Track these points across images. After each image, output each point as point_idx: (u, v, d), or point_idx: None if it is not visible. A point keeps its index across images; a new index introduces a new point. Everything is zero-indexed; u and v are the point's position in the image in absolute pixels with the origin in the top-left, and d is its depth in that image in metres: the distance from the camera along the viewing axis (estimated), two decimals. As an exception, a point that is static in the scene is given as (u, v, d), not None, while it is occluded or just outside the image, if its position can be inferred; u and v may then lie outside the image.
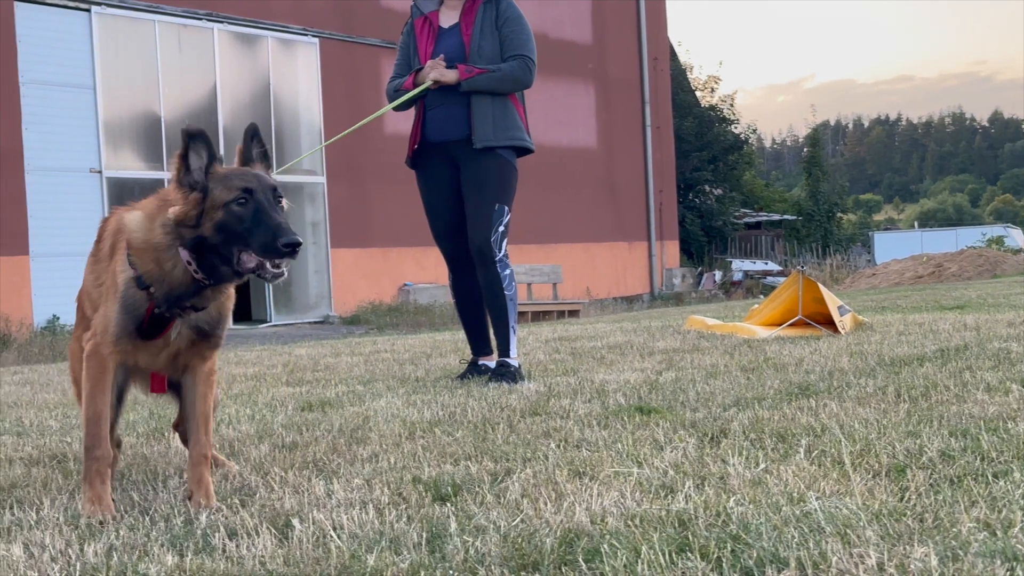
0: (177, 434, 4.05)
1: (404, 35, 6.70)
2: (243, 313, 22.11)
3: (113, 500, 3.26)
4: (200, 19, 20.92)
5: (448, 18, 6.51)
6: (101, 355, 3.30)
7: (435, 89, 6.31)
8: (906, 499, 2.75)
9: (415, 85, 6.37)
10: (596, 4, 30.32)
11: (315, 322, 22.46)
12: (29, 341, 16.47)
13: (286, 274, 3.21)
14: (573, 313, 20.62)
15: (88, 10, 19.22)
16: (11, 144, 18.15)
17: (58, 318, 17.93)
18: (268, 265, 3.14)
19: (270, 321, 21.95)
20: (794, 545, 2.33)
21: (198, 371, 3.46)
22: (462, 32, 6.40)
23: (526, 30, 6.43)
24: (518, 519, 2.77)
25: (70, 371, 3.84)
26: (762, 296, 26.95)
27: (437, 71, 6.25)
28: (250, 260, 3.15)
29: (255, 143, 3.40)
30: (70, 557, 2.65)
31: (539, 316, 19.58)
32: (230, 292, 3.42)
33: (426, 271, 24.20)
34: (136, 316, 3.26)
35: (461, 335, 10.77)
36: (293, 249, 3.11)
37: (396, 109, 6.58)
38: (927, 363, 5.68)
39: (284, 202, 3.30)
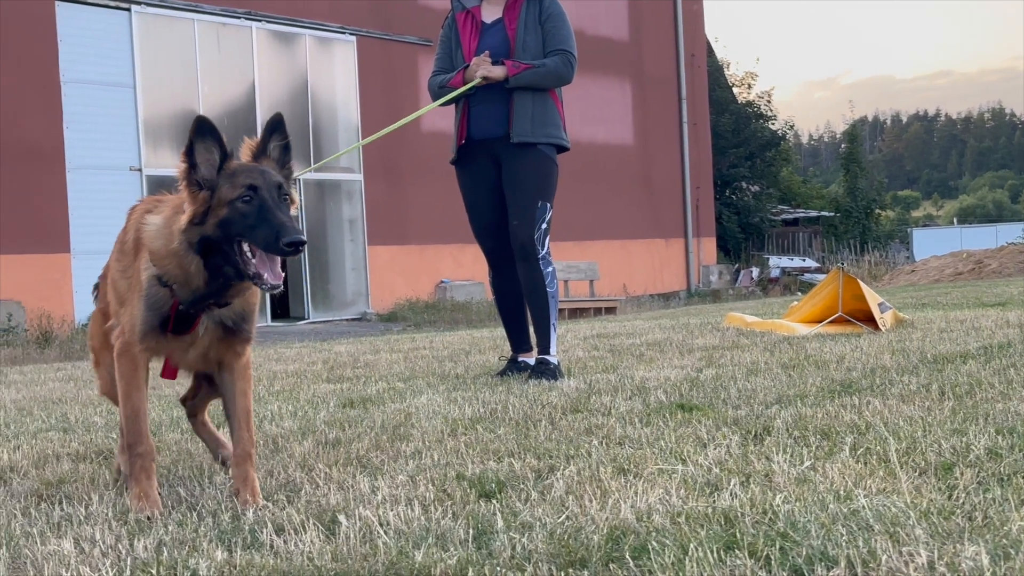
0: (185, 409, 4.10)
1: (445, 28, 6.70)
2: (282, 310, 22.22)
3: (160, 495, 3.29)
4: (238, 18, 21.02)
5: (491, 13, 6.51)
6: (132, 353, 3.33)
7: (481, 86, 6.33)
8: (954, 497, 2.73)
9: (464, 82, 6.38)
10: (633, 1, 30.26)
11: (352, 319, 22.53)
12: (70, 338, 16.60)
13: (282, 287, 3.18)
14: (610, 310, 20.59)
15: (128, 9, 19.35)
16: (52, 143, 18.30)
17: (99, 315, 18.05)
18: (266, 275, 3.13)
19: (308, 318, 22.04)
20: (843, 543, 2.32)
21: (234, 366, 3.48)
22: (506, 27, 6.41)
23: (568, 26, 6.45)
24: (563, 516, 2.77)
25: (88, 339, 3.88)
26: (800, 293, 26.81)
27: (484, 68, 6.26)
28: (252, 264, 3.14)
29: (274, 136, 3.39)
30: (120, 552, 2.68)
31: (576, 313, 19.56)
32: (254, 288, 3.40)
33: (463, 268, 24.23)
34: (160, 313, 3.28)
35: (499, 332, 10.78)
36: (296, 248, 3.08)
37: (443, 105, 6.59)
38: (970, 360, 5.64)
39: (293, 196, 3.30)
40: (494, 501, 3.00)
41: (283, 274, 3.18)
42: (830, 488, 2.87)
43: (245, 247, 3.14)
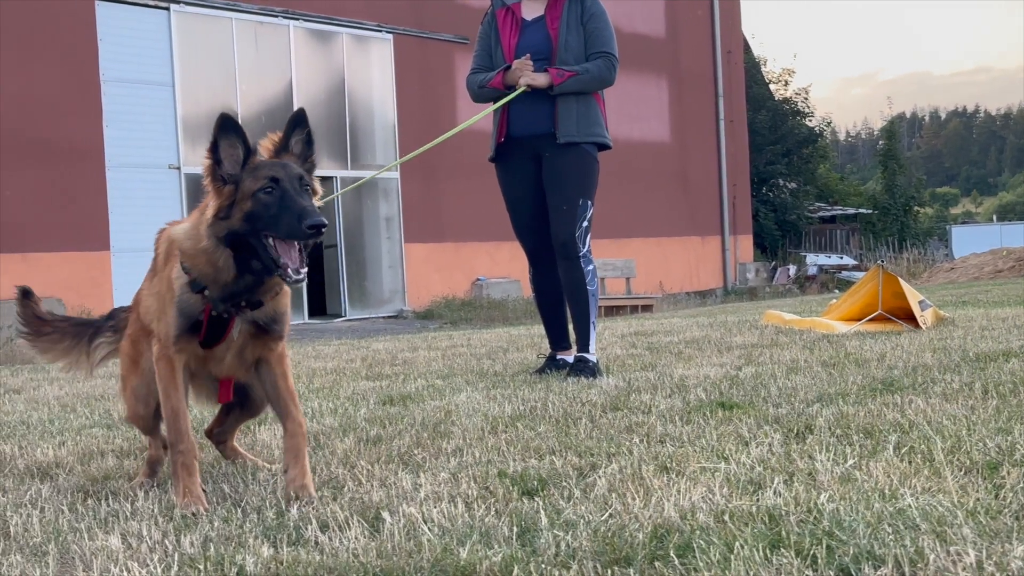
0: (212, 440, 4.12)
1: (484, 25, 6.69)
2: (318, 308, 22.30)
3: (204, 491, 3.31)
4: (276, 16, 21.11)
5: (531, 10, 6.50)
6: (167, 357, 3.41)
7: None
8: (1001, 496, 2.71)
9: (503, 83, 6.37)
10: (669, -2, 30.19)
11: (389, 316, 22.59)
12: (110, 335, 16.73)
13: (304, 278, 3.26)
14: (647, 308, 20.55)
15: (167, 8, 19.47)
16: (92, 141, 18.45)
17: (138, 312, 18.19)
18: (290, 269, 3.20)
19: (345, 315, 22.11)
20: (889, 543, 2.31)
21: (270, 358, 3.55)
22: (548, 26, 6.39)
23: (610, 27, 6.44)
24: (607, 514, 2.77)
25: (120, 367, 3.91)
26: (837, 291, 26.67)
27: (528, 76, 6.25)
28: (277, 256, 3.21)
29: (296, 131, 3.47)
30: (167, 548, 2.70)
31: (613, 311, 19.54)
32: (285, 288, 3.48)
33: (499, 265, 24.24)
34: (191, 316, 3.36)
35: (536, 330, 10.79)
36: (317, 230, 3.16)
37: (477, 101, 6.61)
38: (1013, 359, 5.60)
39: (316, 187, 3.38)
40: (537, 499, 3.01)
41: (305, 268, 3.25)
42: (875, 487, 2.86)
43: (270, 240, 3.21)
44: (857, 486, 2.89)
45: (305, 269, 3.25)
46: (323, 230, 3.18)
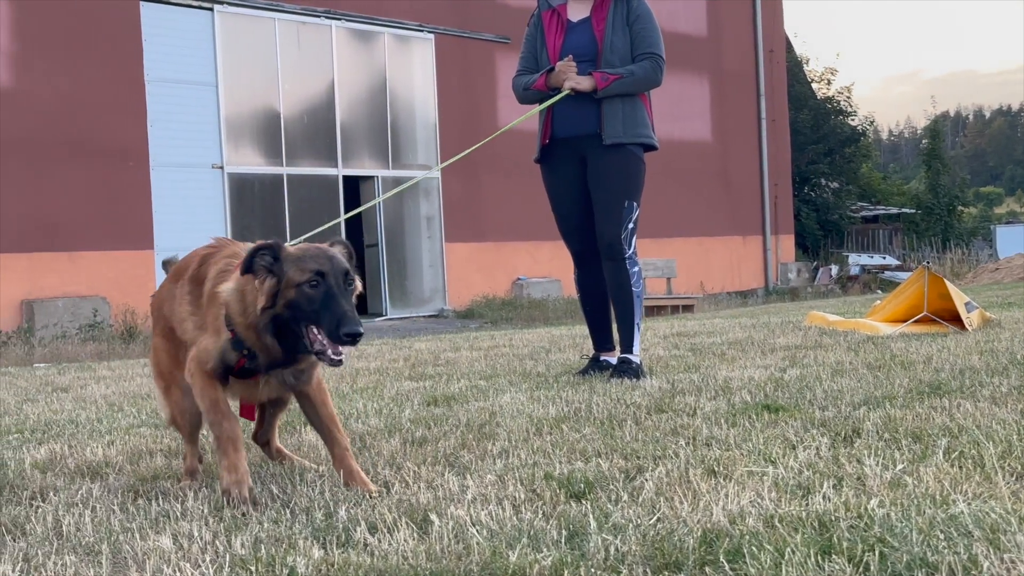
0: (259, 444, 4.17)
1: (530, 27, 6.68)
2: (360, 307, 22.34)
3: (252, 485, 3.33)
4: (318, 16, 21.21)
5: (577, 12, 6.49)
6: (205, 373, 3.50)
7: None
8: (1054, 504, 2.69)
9: (547, 85, 6.37)
10: (711, -4, 30.08)
11: (429, 316, 22.65)
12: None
13: (345, 363, 3.34)
14: (688, 308, 20.49)
15: (211, 9, 19.60)
16: (137, 141, 18.60)
17: (181, 311, 18.33)
18: (330, 352, 3.26)
19: (386, 315, 22.19)
20: (942, 549, 2.29)
21: (306, 391, 3.66)
22: (593, 28, 6.38)
23: (656, 28, 6.41)
24: (655, 518, 2.77)
25: (153, 366, 4.01)
26: (880, 291, 26.49)
27: (572, 80, 6.24)
28: (316, 342, 3.29)
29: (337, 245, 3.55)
30: (218, 549, 2.72)
31: (653, 311, 19.50)
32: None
33: (539, 265, 24.24)
34: (229, 363, 3.48)
35: (578, 330, 10.78)
36: (353, 340, 3.25)
37: (523, 103, 6.61)
38: (1062, 362, 5.54)
39: (357, 284, 3.45)
40: (584, 502, 3.01)
41: (343, 351, 3.31)
42: (926, 492, 2.83)
43: (313, 330, 3.29)
44: (907, 491, 2.87)
45: (346, 351, 3.33)
46: (358, 340, 3.28)
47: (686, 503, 2.90)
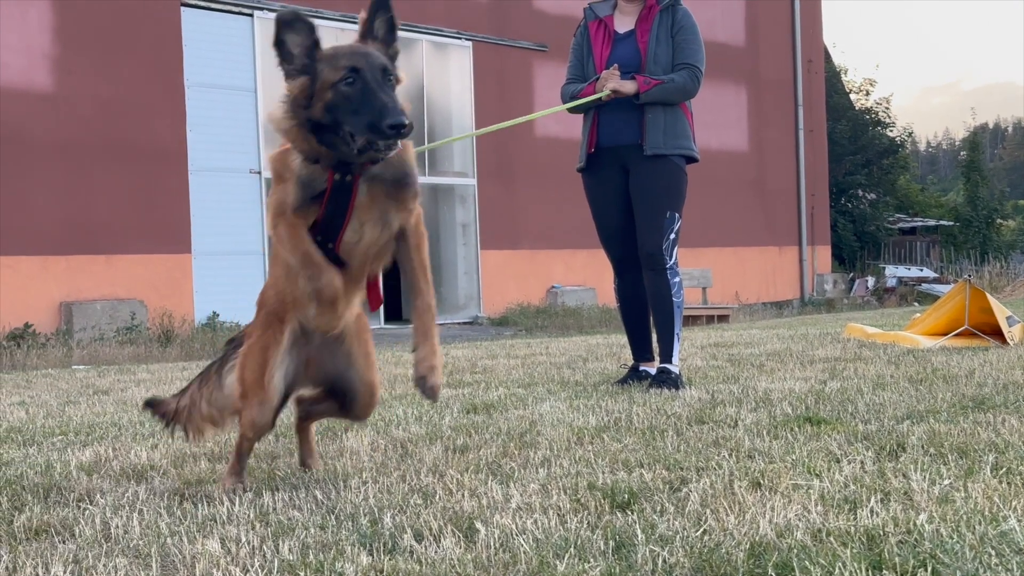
0: (298, 408, 3.98)
1: (578, 36, 6.73)
2: (394, 313, 22.43)
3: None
4: (356, 23, 21.21)
5: (623, 23, 6.52)
6: (289, 223, 3.31)
7: (611, 100, 6.34)
8: (1105, 522, 2.66)
9: (595, 93, 6.40)
10: (750, 6, 29.98)
11: (464, 323, 22.65)
12: (191, 337, 16.96)
13: (397, 148, 3.16)
14: (723, 318, 20.43)
15: (251, 14, 19.71)
16: (176, 144, 18.72)
17: (217, 315, 18.41)
18: (380, 143, 3.09)
19: (421, 321, 22.19)
20: (995, 566, 2.28)
21: (406, 223, 3.43)
22: (638, 39, 6.42)
23: (698, 40, 6.44)
24: (701, 530, 2.76)
25: (239, 369, 3.70)
26: (917, 303, 26.33)
27: (614, 81, 6.27)
28: (359, 138, 3.11)
29: (379, 15, 3.37)
30: (266, 554, 2.74)
31: (688, 320, 19.43)
32: (405, 143, 3.34)
33: (574, 273, 24.22)
34: (315, 189, 3.26)
35: (614, 339, 10.78)
36: (398, 131, 3.05)
37: (570, 111, 6.63)
38: (1107, 378, 5.50)
39: (400, 76, 3.28)
40: (630, 512, 3.00)
41: (399, 142, 3.15)
42: (975, 509, 2.81)
43: (352, 135, 3.12)
44: (956, 507, 2.85)
45: (398, 142, 3.15)
46: (404, 131, 3.06)
47: (732, 515, 2.89)
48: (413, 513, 3.12)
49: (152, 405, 4.04)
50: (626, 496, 3.20)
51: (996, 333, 8.06)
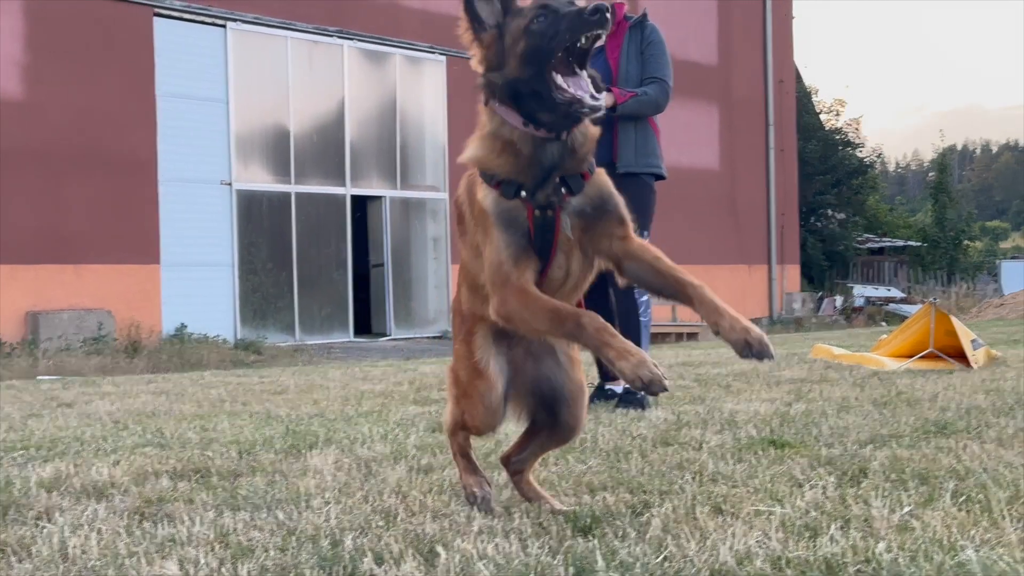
0: (508, 469, 3.69)
1: None
2: (364, 327, 22.39)
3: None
4: (331, 36, 21.27)
5: None
6: (516, 286, 3.04)
7: None
8: (1062, 552, 2.68)
9: None
10: (722, 25, 30.15)
11: (434, 337, 22.63)
12: (158, 348, 16.89)
13: (603, 107, 2.96)
14: (692, 336, 20.50)
15: (223, 26, 19.69)
16: (147, 155, 18.66)
17: (185, 326, 18.35)
18: (585, 96, 2.89)
19: (390, 335, 22.18)
20: (951, 598, 2.29)
21: (629, 248, 3.16)
22: (608, 56, 6.44)
23: (667, 55, 6.48)
24: (662, 556, 2.76)
25: (450, 372, 3.57)
26: (884, 323, 26.48)
27: None
28: (564, 91, 2.90)
29: None
30: (224, 576, 2.72)
31: (657, 338, 19.48)
32: (599, 170, 3.21)
33: (544, 289, 24.24)
34: (520, 226, 3.04)
35: (586, 357, 10.77)
36: (601, 13, 2.81)
37: None
38: (1069, 404, 5.54)
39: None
40: (591, 538, 3.00)
41: (602, 95, 2.95)
42: (933, 537, 2.83)
43: (557, 78, 2.92)
44: (915, 536, 2.86)
45: (602, 95, 2.95)
46: (606, 11, 2.82)
47: (693, 541, 2.89)
48: (375, 535, 3.11)
49: None
50: (588, 520, 3.19)
51: (961, 356, 8.12)
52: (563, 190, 3.06)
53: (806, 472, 3.88)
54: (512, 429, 3.80)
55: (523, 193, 3.04)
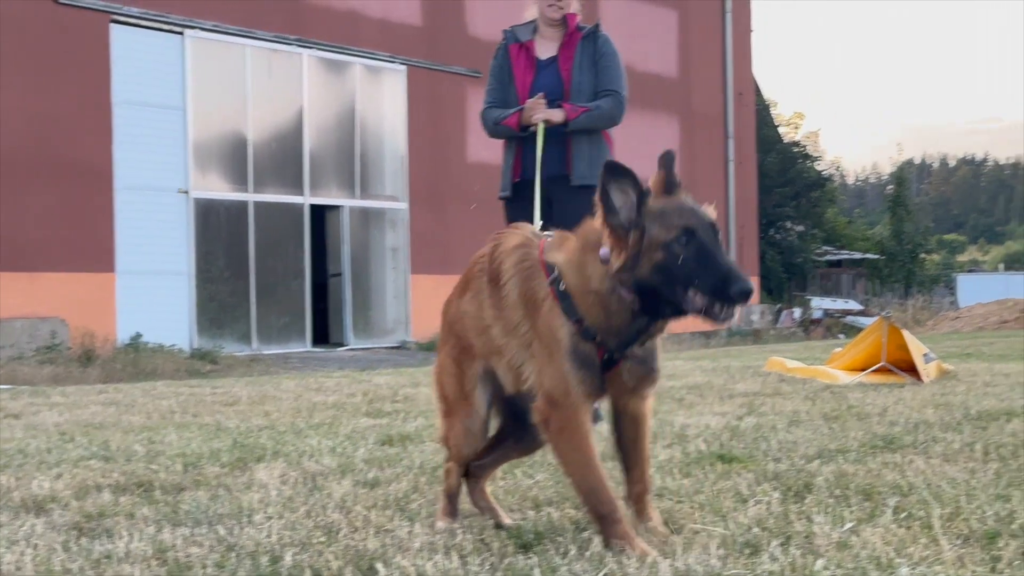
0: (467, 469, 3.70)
1: (498, 59, 6.66)
2: (322, 336, 22.28)
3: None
4: (290, 44, 21.19)
5: (545, 49, 6.49)
6: (576, 424, 3.17)
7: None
8: (998, 569, 2.70)
9: (519, 124, 6.35)
10: (683, 38, 30.29)
11: (392, 347, 22.55)
12: (112, 358, 16.74)
13: (736, 317, 3.03)
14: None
15: (181, 33, 19.56)
16: (102, 162, 18.49)
17: (141, 335, 18.18)
18: (718, 307, 2.93)
19: (348, 345, 22.08)
20: (884, 617, 2.29)
21: (639, 408, 3.38)
22: (560, 67, 6.41)
23: (620, 66, 6.46)
24: (602, 573, 2.76)
25: (436, 384, 3.67)
26: (842, 336, 26.64)
27: (543, 112, 6.24)
28: (699, 299, 2.94)
29: (673, 169, 3.20)
30: (159, 594, 2.69)
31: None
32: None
33: (504, 300, 24.22)
34: (593, 367, 3.14)
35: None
36: (746, 296, 2.90)
37: (491, 136, 6.58)
38: (1015, 419, 5.59)
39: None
40: (532, 554, 2.99)
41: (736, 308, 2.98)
42: (872, 555, 2.84)
43: (688, 292, 2.95)
44: (854, 552, 2.87)
45: (736, 309, 2.98)
46: (751, 296, 2.93)
47: (633, 558, 2.89)
48: (315, 551, 3.09)
49: None
50: (531, 536, 3.18)
51: (913, 370, 8.17)
52: (638, 341, 3.17)
53: (752, 487, 3.88)
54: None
55: (598, 338, 3.12)
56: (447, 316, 3.67)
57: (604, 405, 4.99)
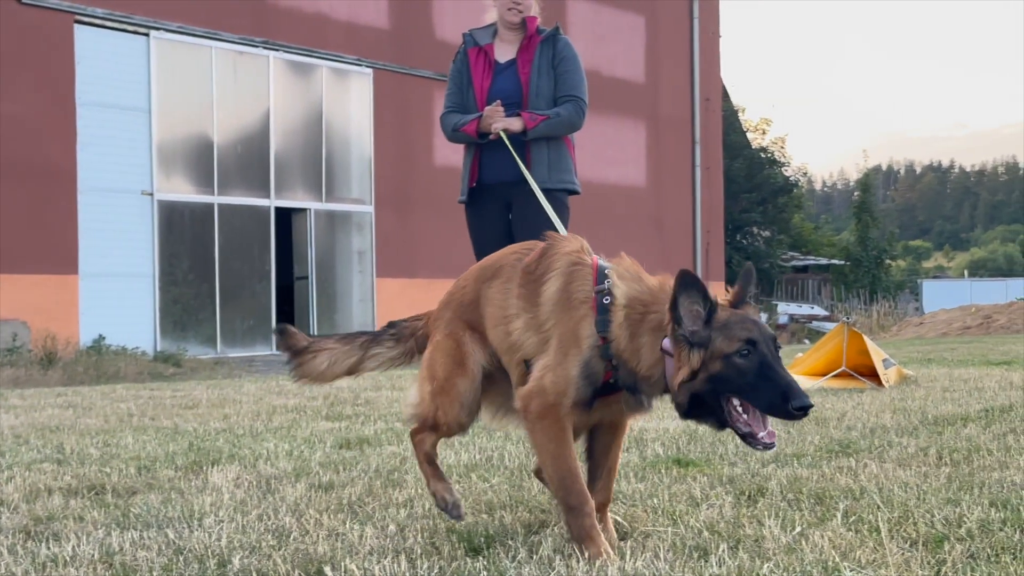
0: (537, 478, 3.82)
1: (457, 63, 6.66)
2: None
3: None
4: (256, 46, 21.12)
5: (504, 52, 6.49)
6: (558, 416, 3.17)
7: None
8: (942, 573, 2.71)
9: (477, 131, 6.34)
10: (650, 43, 30.36)
11: (357, 351, 22.47)
12: (74, 360, 16.61)
13: (776, 447, 3.02)
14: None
15: (147, 34, 19.45)
16: (66, 164, 18.37)
17: (104, 338, 18.06)
18: (761, 434, 2.93)
19: (313, 348, 21.98)
20: (827, 620, 2.30)
21: (619, 423, 3.43)
22: (519, 71, 6.40)
23: (580, 71, 6.45)
24: (550, 577, 2.76)
25: (425, 366, 3.68)
26: (807, 341, 26.77)
27: (502, 121, 6.23)
28: (741, 421, 2.94)
29: (750, 284, 3.24)
30: (103, 597, 2.67)
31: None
32: None
33: (470, 304, 24.21)
34: (595, 384, 3.15)
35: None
36: (805, 412, 2.86)
37: (451, 141, 6.58)
38: (971, 424, 5.63)
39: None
40: (481, 557, 2.99)
41: (775, 432, 2.98)
42: (818, 559, 2.85)
43: (736, 402, 2.94)
44: (802, 557, 2.88)
45: (775, 432, 2.98)
46: (809, 412, 2.88)
47: (582, 562, 2.89)
48: (264, 555, 3.07)
49: (283, 334, 4.00)
50: (482, 539, 3.18)
51: (873, 375, 8.22)
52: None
53: (705, 491, 3.89)
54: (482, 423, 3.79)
55: (615, 364, 3.13)
56: (455, 295, 3.67)
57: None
